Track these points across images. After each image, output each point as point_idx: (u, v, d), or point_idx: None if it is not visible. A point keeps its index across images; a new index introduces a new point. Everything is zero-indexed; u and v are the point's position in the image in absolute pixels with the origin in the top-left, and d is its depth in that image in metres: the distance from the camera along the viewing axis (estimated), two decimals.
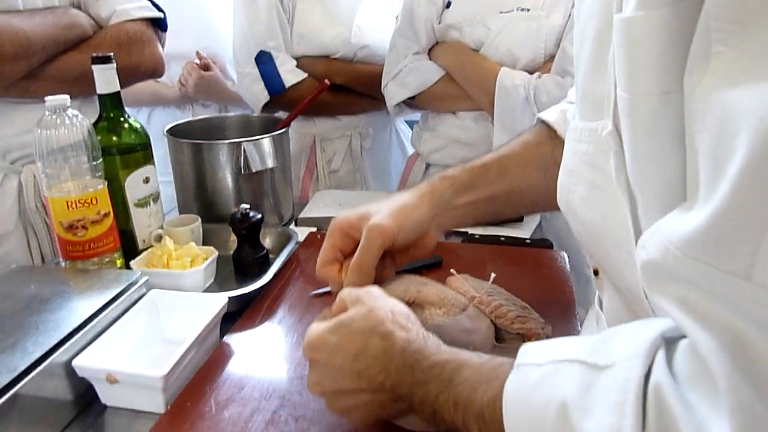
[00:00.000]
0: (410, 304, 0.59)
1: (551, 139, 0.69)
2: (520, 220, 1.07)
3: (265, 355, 0.70)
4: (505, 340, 0.61)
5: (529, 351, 0.42)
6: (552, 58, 1.08)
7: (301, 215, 1.13)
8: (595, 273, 0.56)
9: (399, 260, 0.68)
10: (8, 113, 1.02)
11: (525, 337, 0.61)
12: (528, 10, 1.07)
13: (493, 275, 0.65)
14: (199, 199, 1.07)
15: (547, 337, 0.62)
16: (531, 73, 1.07)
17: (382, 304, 0.52)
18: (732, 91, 0.28)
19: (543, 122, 0.72)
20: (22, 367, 0.56)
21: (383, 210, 0.63)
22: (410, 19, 1.17)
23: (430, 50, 1.19)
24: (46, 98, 0.78)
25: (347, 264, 0.63)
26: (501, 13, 1.08)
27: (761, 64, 0.27)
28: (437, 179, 0.69)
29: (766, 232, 0.26)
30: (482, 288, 0.64)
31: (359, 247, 0.61)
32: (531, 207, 0.75)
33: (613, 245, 0.44)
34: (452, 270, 0.67)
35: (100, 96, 0.88)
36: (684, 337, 0.33)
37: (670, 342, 0.34)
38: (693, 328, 0.31)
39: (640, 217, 0.40)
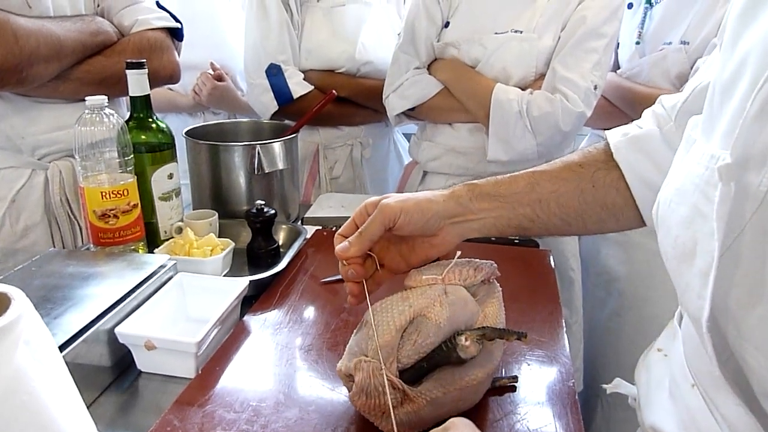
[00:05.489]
0: (412, 321, 0.59)
1: (599, 161, 0.68)
2: None
3: (280, 332, 0.78)
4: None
5: None
6: (542, 76, 1.18)
7: (307, 215, 1.22)
8: None
9: (414, 259, 0.69)
10: (37, 112, 1.10)
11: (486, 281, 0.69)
12: (521, 32, 1.17)
13: (458, 253, 0.68)
14: (214, 196, 1.15)
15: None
16: (523, 89, 1.16)
17: None
18: None
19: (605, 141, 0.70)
20: (74, 330, 0.64)
21: (399, 197, 0.66)
22: (412, 37, 1.26)
23: (429, 65, 1.28)
24: (86, 98, 0.86)
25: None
26: (496, 34, 1.18)
27: None
28: (460, 185, 0.69)
29: None
30: (436, 268, 0.67)
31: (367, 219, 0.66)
32: (562, 227, 0.70)
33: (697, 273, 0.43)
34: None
35: (132, 98, 0.96)
36: None
37: None
38: None
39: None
